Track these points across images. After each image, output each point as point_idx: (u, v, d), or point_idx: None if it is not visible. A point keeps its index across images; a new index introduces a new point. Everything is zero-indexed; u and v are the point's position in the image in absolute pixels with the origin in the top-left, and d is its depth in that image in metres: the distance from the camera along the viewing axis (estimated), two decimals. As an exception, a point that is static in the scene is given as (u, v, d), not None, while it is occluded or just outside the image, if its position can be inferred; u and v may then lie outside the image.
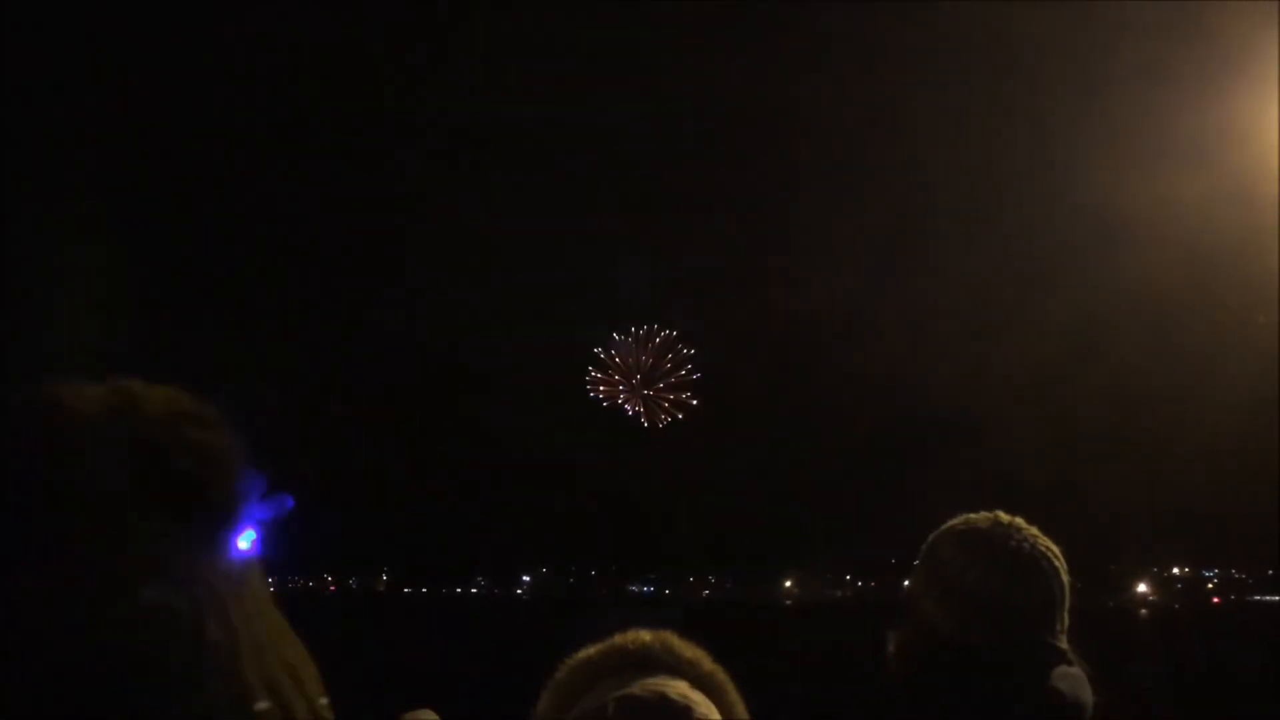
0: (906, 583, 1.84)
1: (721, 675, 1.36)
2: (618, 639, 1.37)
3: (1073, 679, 1.70)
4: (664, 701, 1.26)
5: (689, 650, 1.36)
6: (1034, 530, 1.81)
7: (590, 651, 1.37)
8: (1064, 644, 1.75)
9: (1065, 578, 1.79)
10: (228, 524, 0.90)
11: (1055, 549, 1.80)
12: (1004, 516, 1.83)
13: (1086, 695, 1.70)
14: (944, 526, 1.84)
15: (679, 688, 1.29)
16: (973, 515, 1.84)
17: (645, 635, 1.37)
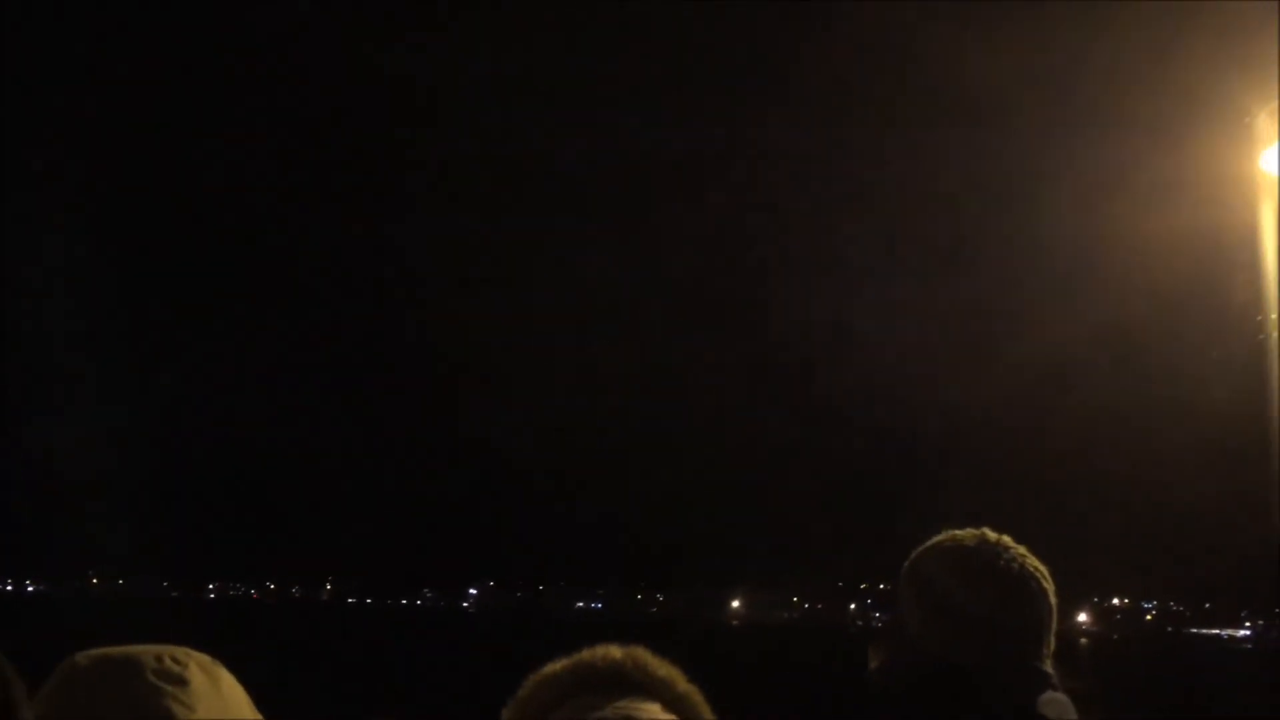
0: (893, 600, 1.75)
1: (696, 696, 1.25)
2: (586, 655, 1.25)
3: (1059, 704, 1.63)
4: None
5: (662, 669, 1.24)
6: (1022, 549, 1.73)
7: (557, 667, 1.25)
8: (1050, 668, 1.67)
9: (1053, 599, 1.72)
10: None
11: (1043, 569, 1.73)
12: (990, 534, 1.75)
13: (1072, 719, 1.62)
14: (929, 543, 1.76)
15: (651, 711, 1.18)
16: (958, 532, 1.76)
17: (616, 652, 1.24)
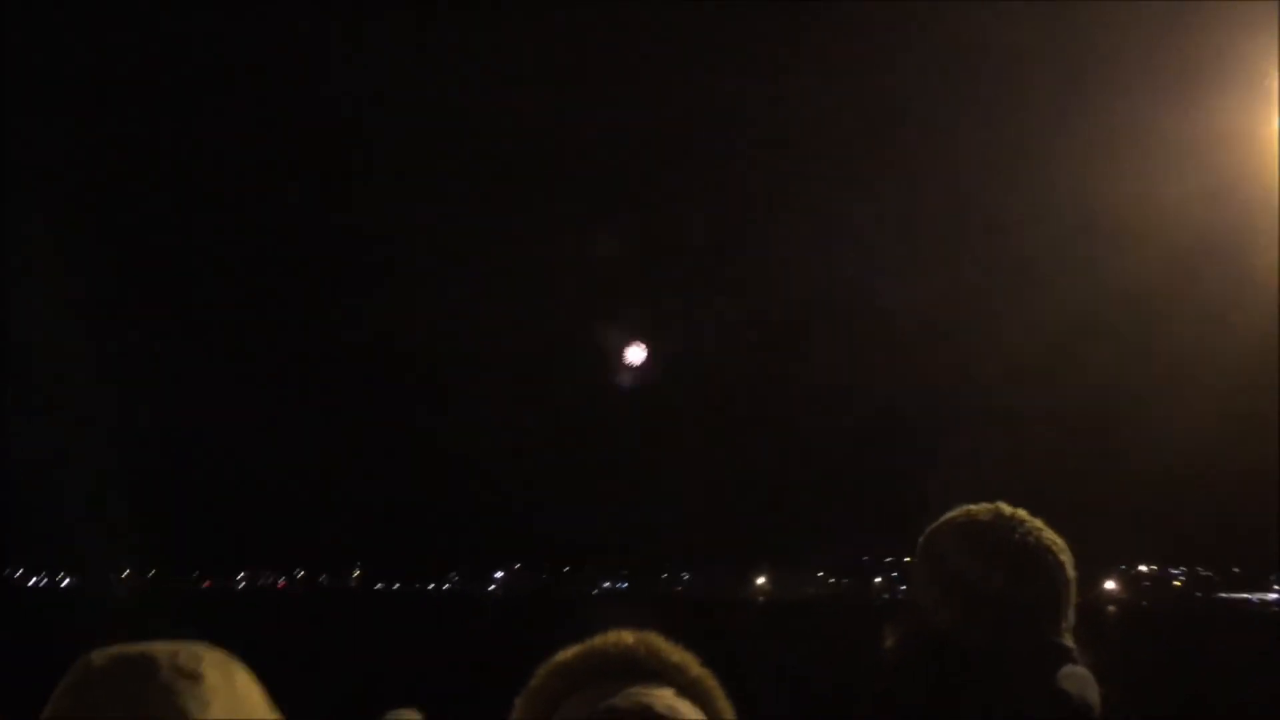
0: (907, 576, 1.74)
1: (710, 681, 1.23)
2: (598, 641, 1.24)
3: (1079, 678, 1.61)
4: (649, 714, 1.13)
5: (675, 654, 1.23)
6: (1038, 523, 1.71)
7: (568, 655, 1.24)
8: (1069, 641, 1.66)
9: (1071, 573, 1.70)
10: None
11: (1060, 542, 1.71)
12: (1005, 508, 1.73)
13: (1093, 694, 1.61)
14: (942, 519, 1.74)
15: (665, 697, 1.16)
16: (972, 507, 1.74)
17: (628, 637, 1.23)
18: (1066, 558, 1.70)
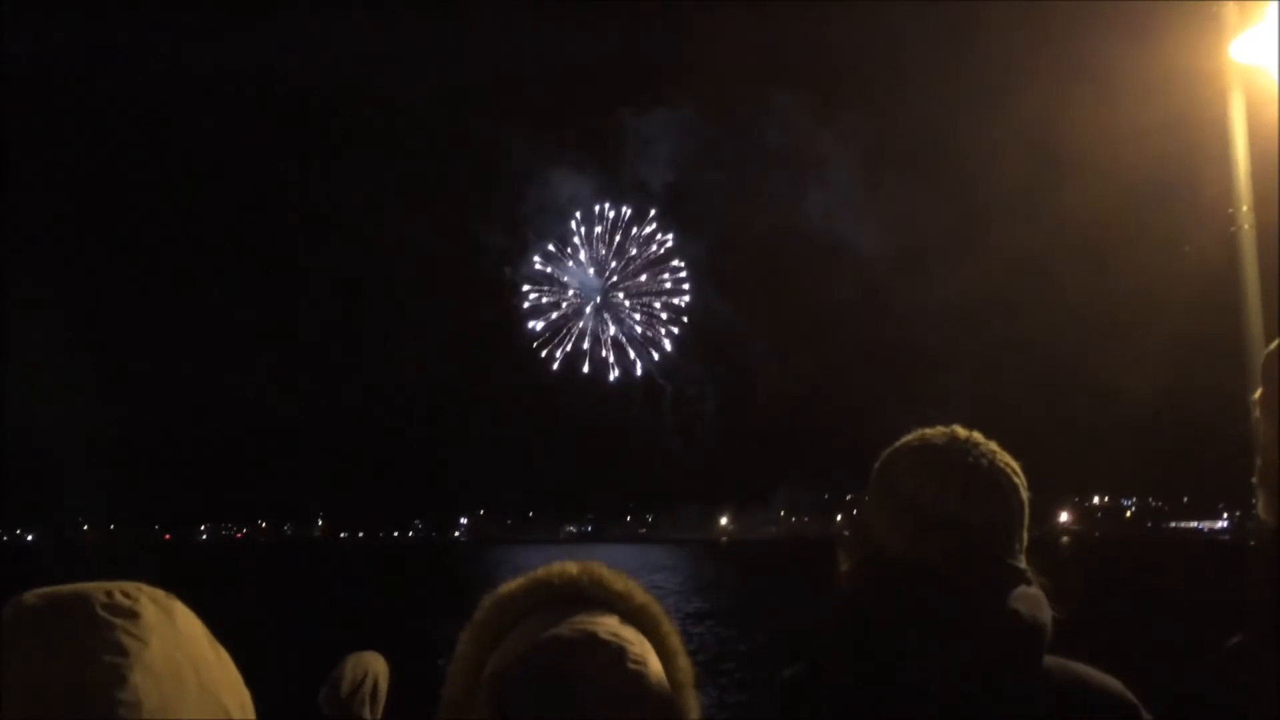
0: (861, 499, 1.73)
1: (655, 608, 1.23)
2: (541, 572, 1.23)
3: (1031, 599, 1.61)
4: (594, 641, 1.13)
5: (619, 582, 1.22)
6: (993, 445, 1.69)
7: (512, 587, 1.22)
8: (1023, 564, 1.65)
9: (1024, 495, 1.69)
10: None
11: (1015, 465, 1.69)
12: (961, 431, 1.71)
13: (1045, 615, 1.61)
14: (898, 442, 1.72)
15: (609, 624, 1.16)
16: (928, 430, 1.72)
17: (571, 567, 1.23)
18: (1020, 480, 1.69)
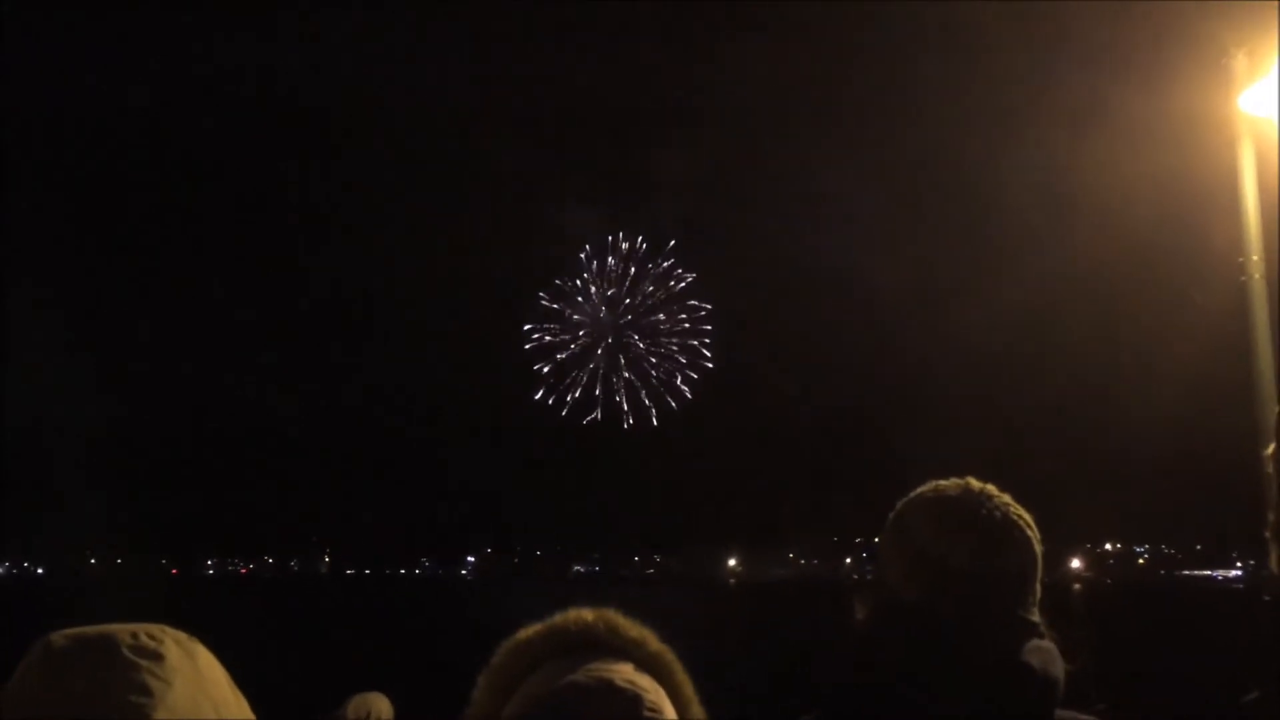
0: (876, 551, 1.74)
1: (669, 655, 1.28)
2: (558, 619, 1.27)
3: (1044, 652, 1.62)
4: (610, 688, 1.16)
5: (634, 629, 1.27)
6: (1006, 498, 1.72)
7: (529, 633, 1.26)
8: (1035, 616, 1.67)
9: (1038, 548, 1.70)
10: None
11: (1028, 517, 1.71)
12: (975, 483, 1.73)
13: (1057, 668, 1.62)
14: (912, 494, 1.74)
15: (624, 672, 1.19)
16: (942, 482, 1.75)
17: (587, 614, 1.27)
18: (1034, 533, 1.71)
